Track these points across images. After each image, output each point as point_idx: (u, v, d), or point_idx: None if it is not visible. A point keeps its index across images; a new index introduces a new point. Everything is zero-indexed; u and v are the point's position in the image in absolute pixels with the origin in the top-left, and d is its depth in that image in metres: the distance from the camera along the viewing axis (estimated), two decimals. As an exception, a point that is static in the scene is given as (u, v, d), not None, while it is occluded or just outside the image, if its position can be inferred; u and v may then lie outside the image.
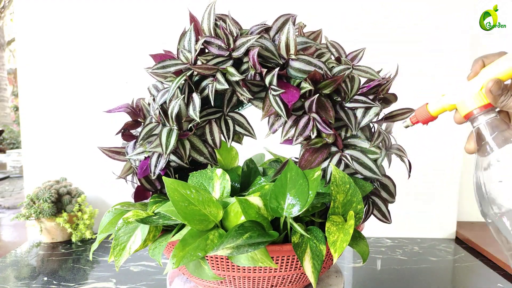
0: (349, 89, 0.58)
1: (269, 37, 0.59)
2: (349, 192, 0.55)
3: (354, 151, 0.59)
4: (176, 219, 0.52)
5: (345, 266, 0.96)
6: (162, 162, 0.61)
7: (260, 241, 0.48)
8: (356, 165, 0.58)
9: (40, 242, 1.11)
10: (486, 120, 0.45)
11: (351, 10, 1.14)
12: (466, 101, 0.45)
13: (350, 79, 0.58)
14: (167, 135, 0.59)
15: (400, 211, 1.20)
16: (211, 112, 0.63)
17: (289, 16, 0.60)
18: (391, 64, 0.67)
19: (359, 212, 0.55)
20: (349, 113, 0.59)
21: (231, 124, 0.62)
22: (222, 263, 0.56)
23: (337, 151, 0.59)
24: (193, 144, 0.64)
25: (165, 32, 1.16)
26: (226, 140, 0.62)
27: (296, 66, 0.56)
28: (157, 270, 0.91)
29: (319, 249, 0.51)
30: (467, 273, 0.96)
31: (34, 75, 1.18)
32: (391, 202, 0.65)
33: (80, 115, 1.19)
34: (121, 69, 1.17)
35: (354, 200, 0.55)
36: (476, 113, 0.45)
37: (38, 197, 1.08)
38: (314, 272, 0.50)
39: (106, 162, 1.20)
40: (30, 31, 1.17)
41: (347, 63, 0.61)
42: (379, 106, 0.56)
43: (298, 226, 0.52)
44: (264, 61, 0.57)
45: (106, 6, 1.15)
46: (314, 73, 0.55)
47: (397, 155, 0.61)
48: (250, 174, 0.69)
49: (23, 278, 0.86)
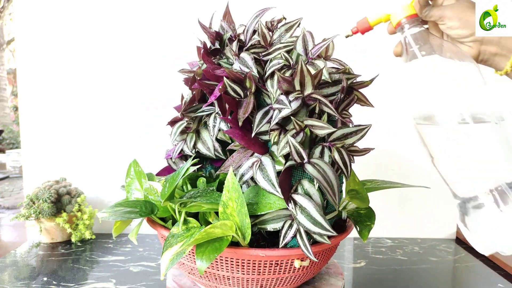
0: (274, 87, 0.55)
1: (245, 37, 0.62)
2: (238, 201, 0.52)
3: (267, 158, 0.55)
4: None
5: (345, 266, 0.96)
6: (175, 149, 0.69)
7: (124, 215, 0.59)
8: (258, 174, 0.53)
9: (39, 242, 1.11)
10: (410, 29, 0.51)
11: (349, 8, 1.14)
12: (397, 11, 0.52)
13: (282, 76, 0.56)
14: (177, 128, 0.68)
15: (400, 211, 1.20)
16: (206, 109, 0.66)
17: (260, 11, 0.62)
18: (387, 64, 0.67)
19: (248, 228, 0.52)
20: (268, 115, 0.56)
21: (218, 120, 0.64)
22: (222, 263, 0.56)
23: (257, 156, 0.56)
24: (201, 136, 0.67)
25: (165, 32, 1.16)
26: (212, 135, 0.64)
27: (234, 65, 0.59)
28: (157, 270, 0.90)
29: (186, 246, 0.52)
30: (468, 273, 0.96)
31: (33, 75, 1.18)
32: (315, 233, 0.51)
33: (80, 115, 1.19)
34: (121, 69, 1.17)
35: (243, 212, 0.52)
36: (403, 22, 0.51)
37: (37, 197, 1.07)
38: (169, 263, 0.51)
39: (106, 162, 1.20)
40: (30, 31, 1.17)
41: (290, 58, 0.57)
42: (289, 108, 0.52)
43: (181, 218, 0.57)
44: (227, 62, 0.62)
45: (106, 6, 1.15)
46: (229, 72, 0.56)
47: (308, 172, 0.52)
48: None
49: (23, 278, 0.86)
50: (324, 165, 0.52)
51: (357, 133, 0.55)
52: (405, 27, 0.51)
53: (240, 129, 0.55)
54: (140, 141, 1.17)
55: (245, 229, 0.53)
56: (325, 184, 0.50)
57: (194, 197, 0.57)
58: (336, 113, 0.54)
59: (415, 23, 0.51)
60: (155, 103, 1.16)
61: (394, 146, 1.15)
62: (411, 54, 0.50)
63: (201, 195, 0.58)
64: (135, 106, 1.17)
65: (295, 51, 0.58)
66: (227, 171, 0.57)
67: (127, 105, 1.17)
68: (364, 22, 0.56)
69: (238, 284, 0.58)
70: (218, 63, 0.63)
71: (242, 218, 0.52)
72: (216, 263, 0.57)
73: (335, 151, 0.54)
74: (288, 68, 0.57)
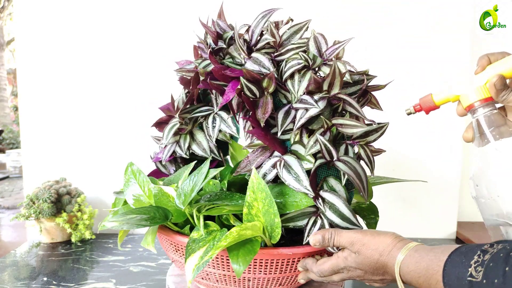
0: (296, 87, 0.56)
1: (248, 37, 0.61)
2: (266, 201, 0.52)
3: (291, 157, 0.55)
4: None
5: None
6: (165, 151, 0.68)
7: (139, 223, 0.53)
8: (284, 173, 0.53)
9: (39, 242, 1.11)
10: (485, 113, 0.47)
11: (348, 8, 1.14)
12: (469, 93, 0.48)
13: (302, 76, 0.56)
14: (170, 129, 0.66)
15: (400, 211, 1.20)
16: (203, 110, 0.66)
17: (266, 12, 0.60)
18: (388, 64, 0.67)
19: (277, 227, 0.52)
20: (290, 114, 0.56)
21: (218, 121, 0.65)
22: (223, 262, 0.56)
23: (278, 156, 0.56)
24: (195, 138, 0.67)
25: (165, 32, 1.16)
26: (212, 136, 0.65)
27: (247, 65, 0.58)
28: (157, 270, 0.90)
29: (211, 250, 0.50)
30: (468, 273, 0.96)
31: (33, 75, 1.18)
32: (343, 228, 0.53)
33: (80, 115, 1.19)
34: (121, 69, 1.17)
35: (271, 212, 0.52)
36: (477, 106, 0.47)
37: (37, 197, 1.07)
38: (194, 269, 0.49)
39: (106, 162, 1.20)
40: (30, 31, 1.17)
41: (309, 59, 0.57)
42: (318, 108, 0.52)
43: (201, 222, 0.54)
44: (233, 61, 0.61)
45: (105, 6, 1.15)
46: (246, 72, 0.55)
47: (340, 169, 0.53)
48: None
49: (23, 278, 0.86)
50: (353, 162, 0.54)
51: (377, 131, 0.57)
52: (478, 110, 0.48)
53: (262, 129, 0.56)
54: (140, 141, 1.17)
55: (273, 229, 0.52)
56: (357, 180, 0.52)
57: (213, 200, 0.55)
58: (361, 113, 0.55)
59: (489, 106, 0.47)
60: (155, 103, 1.16)
61: (394, 146, 1.14)
62: (484, 138, 0.47)
63: (219, 197, 0.56)
64: (135, 106, 1.17)
65: (310, 52, 0.58)
66: (244, 172, 0.57)
67: (127, 105, 1.17)
68: (429, 100, 0.52)
69: (259, 284, 0.58)
70: (221, 62, 0.63)
71: (270, 218, 0.52)
72: (228, 264, 0.55)
73: (361, 148, 0.56)
74: (307, 68, 0.57)
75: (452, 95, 0.50)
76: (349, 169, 0.52)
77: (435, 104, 0.52)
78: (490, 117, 0.47)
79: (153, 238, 0.61)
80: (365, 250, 0.48)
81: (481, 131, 0.48)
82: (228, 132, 0.64)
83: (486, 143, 0.47)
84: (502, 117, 0.47)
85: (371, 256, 0.48)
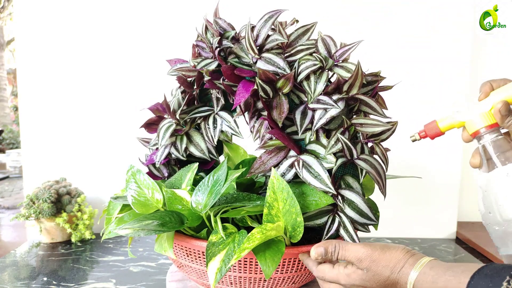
0: (312, 88, 0.56)
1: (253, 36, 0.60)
2: (287, 201, 0.52)
3: (309, 157, 0.55)
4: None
5: (345, 266, 0.96)
6: (160, 153, 0.67)
7: (156, 229, 0.52)
8: (304, 172, 0.54)
9: (39, 242, 1.11)
10: (491, 139, 0.48)
11: (348, 8, 1.14)
12: (475, 119, 0.49)
13: (318, 76, 0.56)
14: (165, 130, 0.65)
15: (400, 211, 1.20)
16: (203, 110, 0.66)
17: (273, 13, 0.60)
18: (388, 64, 0.67)
19: (299, 226, 0.52)
20: (307, 115, 0.56)
21: (219, 122, 0.64)
22: (240, 264, 0.56)
23: (294, 156, 0.56)
24: (192, 139, 0.67)
25: (165, 32, 1.16)
26: (213, 136, 0.64)
27: (259, 65, 0.57)
28: (157, 270, 0.90)
29: (235, 253, 0.50)
30: (468, 273, 0.96)
31: (33, 75, 1.18)
32: (361, 224, 0.56)
33: (80, 115, 1.19)
34: (121, 69, 1.17)
35: (293, 211, 0.52)
36: (483, 132, 0.48)
37: (37, 197, 1.07)
38: (217, 273, 0.49)
39: (106, 162, 1.20)
40: (30, 31, 1.17)
41: (323, 60, 0.57)
42: (338, 108, 0.53)
43: (219, 225, 0.53)
44: (239, 61, 0.60)
45: (105, 6, 1.15)
46: (262, 72, 0.54)
47: (363, 168, 0.55)
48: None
49: (23, 278, 0.86)
50: (373, 160, 0.56)
51: (389, 129, 0.58)
52: (485, 137, 0.48)
53: (280, 130, 0.56)
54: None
55: (295, 228, 0.52)
56: (377, 177, 0.54)
57: (230, 202, 0.55)
58: (383, 113, 0.57)
59: (495, 132, 0.48)
60: (154, 103, 1.16)
61: (394, 146, 1.14)
62: (492, 163, 0.48)
63: (237, 199, 0.56)
64: (135, 106, 1.17)
65: (320, 54, 0.58)
66: (258, 173, 0.57)
67: (127, 105, 1.17)
68: (434, 127, 0.53)
69: (274, 284, 0.58)
70: (226, 62, 0.62)
71: (292, 218, 0.52)
72: (250, 266, 0.55)
73: (376, 147, 0.58)
74: (322, 69, 0.57)
75: (457, 121, 0.51)
76: (370, 166, 0.54)
77: (440, 131, 0.53)
78: (496, 142, 0.48)
79: (170, 243, 0.58)
80: (375, 267, 0.46)
81: (488, 157, 0.48)
82: (230, 132, 0.64)
83: (493, 168, 0.47)
84: (508, 142, 0.48)
85: (381, 273, 0.45)
